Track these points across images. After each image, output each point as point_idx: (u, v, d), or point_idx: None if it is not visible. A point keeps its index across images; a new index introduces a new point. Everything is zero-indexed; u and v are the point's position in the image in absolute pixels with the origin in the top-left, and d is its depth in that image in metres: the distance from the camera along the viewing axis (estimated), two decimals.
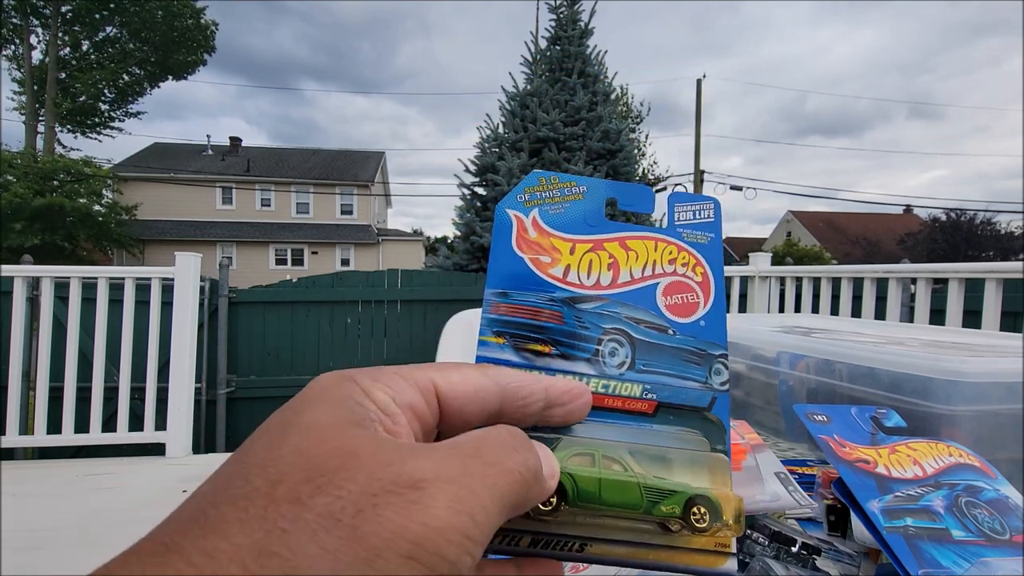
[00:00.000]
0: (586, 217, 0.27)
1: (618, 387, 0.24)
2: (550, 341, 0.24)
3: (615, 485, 0.22)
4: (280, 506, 0.13)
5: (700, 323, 0.25)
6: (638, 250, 0.26)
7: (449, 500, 0.14)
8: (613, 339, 0.25)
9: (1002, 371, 0.50)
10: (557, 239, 0.26)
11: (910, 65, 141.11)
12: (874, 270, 2.29)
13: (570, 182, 0.27)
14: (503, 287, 0.25)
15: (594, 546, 0.21)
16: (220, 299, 3.54)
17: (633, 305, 0.25)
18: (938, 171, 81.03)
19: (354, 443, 0.15)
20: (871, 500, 0.37)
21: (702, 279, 0.26)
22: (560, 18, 6.18)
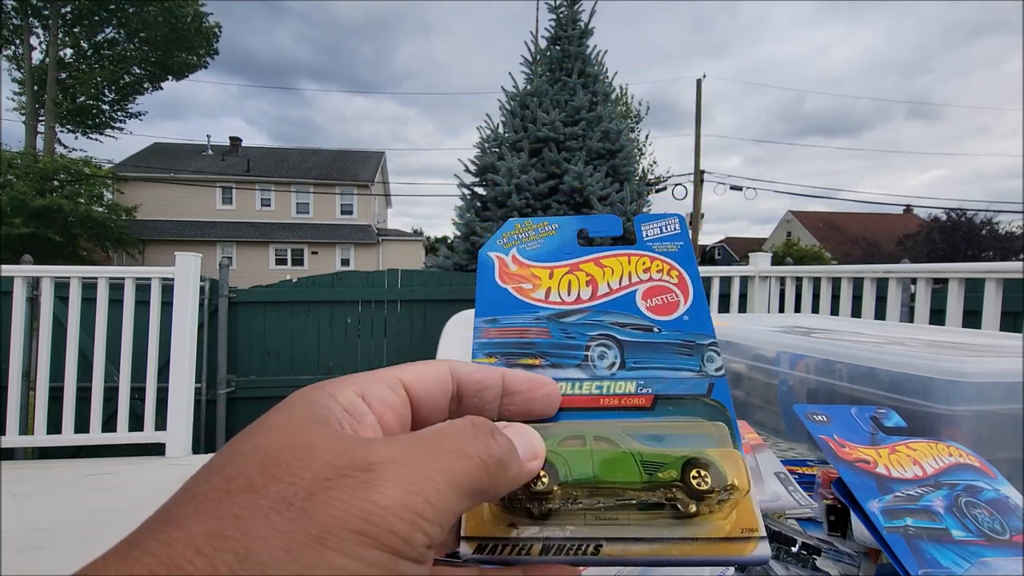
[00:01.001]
0: (560, 248, 0.29)
1: (611, 386, 0.24)
2: (539, 354, 0.25)
3: (609, 461, 0.21)
4: (235, 496, 0.14)
5: (684, 318, 0.26)
6: (612, 266, 0.28)
7: (400, 481, 0.15)
8: (601, 344, 0.26)
9: (1002, 371, 0.50)
10: (536, 268, 0.28)
11: (909, 65, 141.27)
12: (874, 270, 2.29)
13: (542, 223, 0.30)
14: (491, 314, 0.27)
15: (610, 546, 0.20)
16: (220, 299, 3.54)
17: (616, 312, 0.26)
18: (938, 171, 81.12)
19: (312, 437, 0.16)
20: (871, 500, 0.37)
21: (678, 280, 0.27)
22: (560, 18, 6.19)
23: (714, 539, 0.20)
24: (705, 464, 0.21)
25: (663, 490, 0.21)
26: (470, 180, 6.08)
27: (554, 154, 5.60)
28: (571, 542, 0.20)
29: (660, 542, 0.20)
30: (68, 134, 17.82)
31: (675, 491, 0.21)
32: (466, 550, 0.20)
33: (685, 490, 0.20)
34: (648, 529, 0.20)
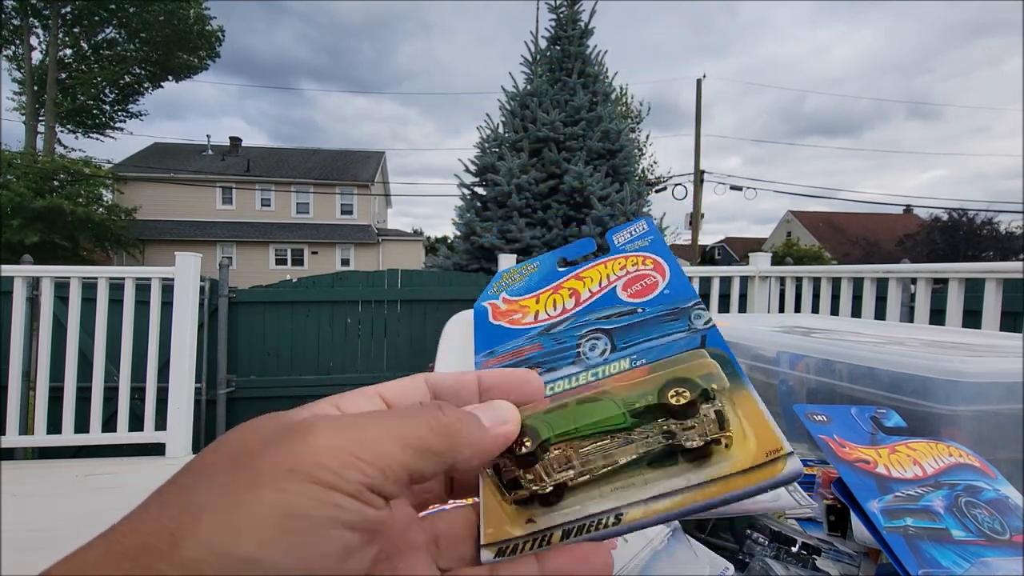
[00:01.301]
0: (544, 277, 0.31)
1: (606, 369, 0.24)
2: (535, 365, 0.26)
3: (587, 409, 0.22)
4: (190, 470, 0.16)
5: (664, 292, 0.27)
6: (592, 275, 0.30)
7: (332, 430, 0.15)
8: (591, 338, 0.26)
9: (1002, 371, 0.50)
10: (524, 300, 0.30)
11: (909, 65, 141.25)
12: (874, 270, 2.29)
13: (525, 264, 0.32)
14: (488, 348, 0.28)
15: (631, 511, 0.19)
16: (220, 299, 3.54)
17: (599, 309, 0.28)
18: (937, 171, 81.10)
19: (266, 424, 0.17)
20: (871, 500, 0.37)
21: (654, 265, 0.29)
22: (560, 18, 6.18)
23: (737, 473, 0.19)
24: (684, 379, 0.21)
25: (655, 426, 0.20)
26: (470, 180, 6.08)
27: (554, 154, 5.60)
28: (590, 519, 0.20)
29: (682, 492, 0.19)
30: (68, 134, 17.82)
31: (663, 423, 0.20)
32: (487, 556, 0.20)
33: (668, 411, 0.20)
34: (666, 483, 0.20)
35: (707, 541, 0.41)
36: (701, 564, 0.34)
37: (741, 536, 0.41)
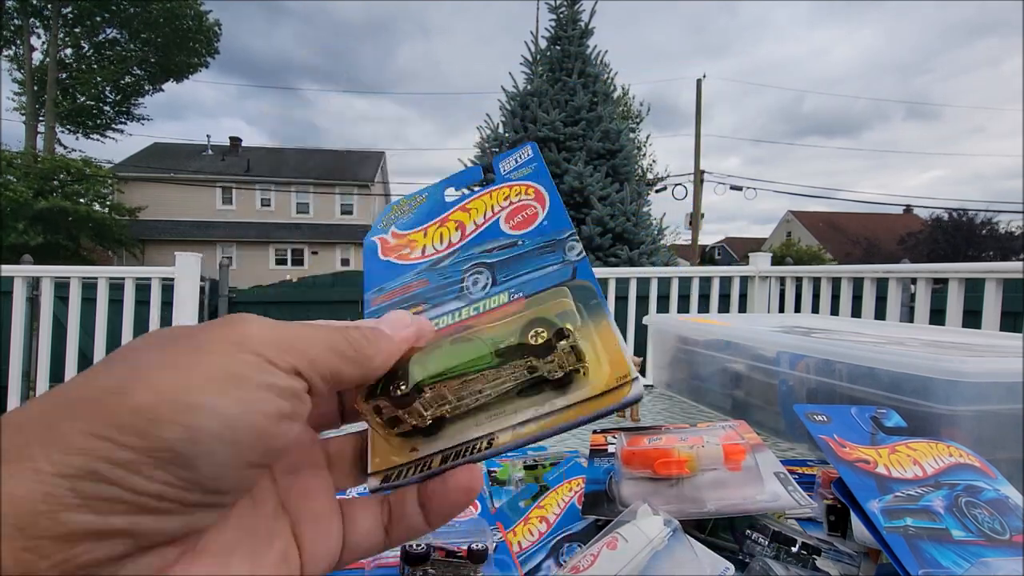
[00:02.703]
0: (431, 210, 0.31)
1: (486, 303, 0.26)
2: (421, 302, 0.27)
3: (456, 350, 0.23)
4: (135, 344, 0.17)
5: (544, 223, 0.28)
6: (477, 206, 0.30)
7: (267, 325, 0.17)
8: (473, 272, 0.27)
9: (1002, 371, 0.50)
10: (412, 234, 0.30)
11: (908, 66, 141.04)
12: (874, 270, 2.29)
13: (414, 196, 0.32)
14: (377, 284, 0.29)
15: (502, 436, 0.22)
16: (220, 299, 3.54)
17: (483, 242, 0.28)
18: (936, 171, 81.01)
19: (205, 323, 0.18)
20: (871, 500, 0.37)
21: (535, 195, 0.29)
22: (560, 18, 6.18)
23: (593, 397, 0.22)
24: (541, 320, 0.23)
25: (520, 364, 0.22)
26: None
27: (554, 154, 5.60)
28: (465, 444, 0.22)
29: (545, 417, 0.22)
30: (68, 134, 17.83)
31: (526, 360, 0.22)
32: (373, 483, 0.22)
33: (529, 350, 0.22)
34: (532, 410, 0.22)
35: (707, 541, 0.41)
36: (701, 564, 0.34)
37: (741, 536, 0.41)
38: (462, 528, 0.43)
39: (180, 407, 0.14)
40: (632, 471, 0.45)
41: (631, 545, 0.34)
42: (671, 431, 0.49)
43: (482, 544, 0.38)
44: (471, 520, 0.44)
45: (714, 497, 0.42)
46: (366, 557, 0.22)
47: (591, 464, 0.49)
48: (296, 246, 19.79)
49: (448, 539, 0.39)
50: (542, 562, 0.42)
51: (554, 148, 5.63)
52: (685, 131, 38.05)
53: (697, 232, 13.50)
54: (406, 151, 72.25)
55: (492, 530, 0.44)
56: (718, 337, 0.90)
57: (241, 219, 19.99)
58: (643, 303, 2.88)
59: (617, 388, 0.22)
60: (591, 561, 0.35)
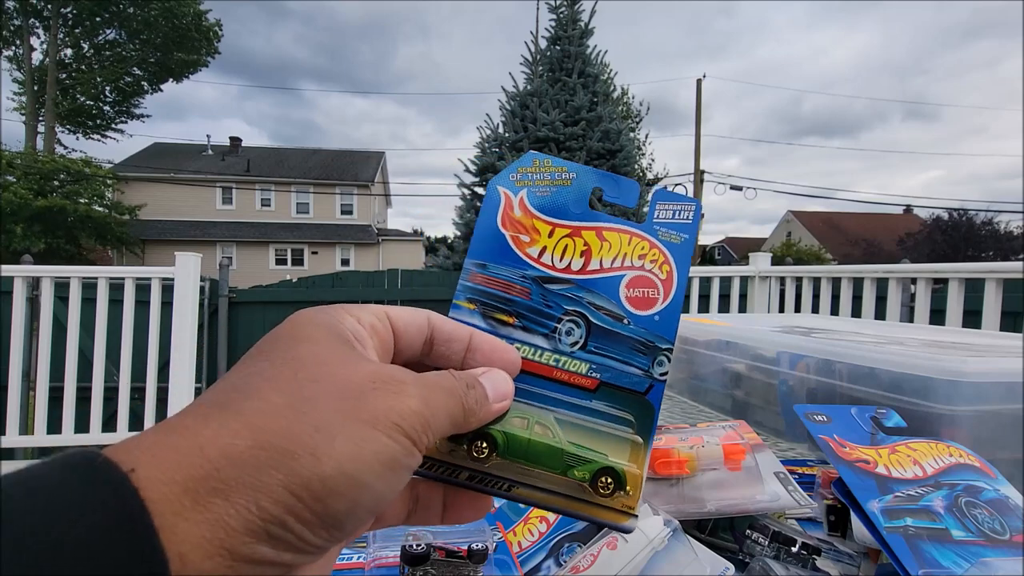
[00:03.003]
0: (570, 204, 0.28)
1: (568, 363, 0.26)
2: (515, 313, 0.27)
3: (540, 447, 0.25)
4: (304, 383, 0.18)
5: (655, 318, 0.27)
6: (612, 241, 0.28)
7: (420, 398, 0.20)
8: (572, 320, 0.27)
9: (1002, 371, 0.50)
10: (539, 221, 0.28)
11: (906, 67, 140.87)
12: (874, 270, 2.29)
13: (561, 167, 0.29)
14: (483, 259, 0.28)
15: (519, 489, 0.24)
16: (220, 299, 3.54)
17: (597, 292, 0.27)
18: (935, 171, 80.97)
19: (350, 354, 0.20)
20: (871, 500, 0.37)
21: (666, 277, 0.28)
22: (560, 18, 6.18)
23: (600, 506, 0.25)
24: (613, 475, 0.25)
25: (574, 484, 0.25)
26: (470, 180, 6.08)
27: (554, 154, 5.60)
28: (491, 477, 0.24)
29: (560, 496, 0.24)
30: (68, 134, 17.82)
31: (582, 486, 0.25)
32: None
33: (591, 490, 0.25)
34: (555, 485, 0.25)
35: (707, 541, 0.41)
36: (701, 564, 0.34)
37: (741, 536, 0.41)
38: (462, 528, 0.43)
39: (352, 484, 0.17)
40: None
41: (631, 545, 0.34)
42: (671, 431, 0.49)
43: (482, 544, 0.38)
44: None
45: (714, 497, 0.42)
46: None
47: None
48: (296, 246, 19.78)
49: (448, 539, 0.39)
50: (542, 562, 0.42)
51: (554, 148, 5.63)
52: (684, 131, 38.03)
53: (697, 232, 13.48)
54: (406, 151, 72.25)
55: (492, 530, 0.44)
56: (718, 337, 0.90)
57: (241, 219, 19.98)
58: None
59: (620, 513, 0.25)
60: (591, 561, 0.35)
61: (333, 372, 0.19)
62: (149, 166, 19.56)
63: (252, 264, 18.73)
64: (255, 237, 19.41)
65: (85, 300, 2.38)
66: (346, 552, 0.42)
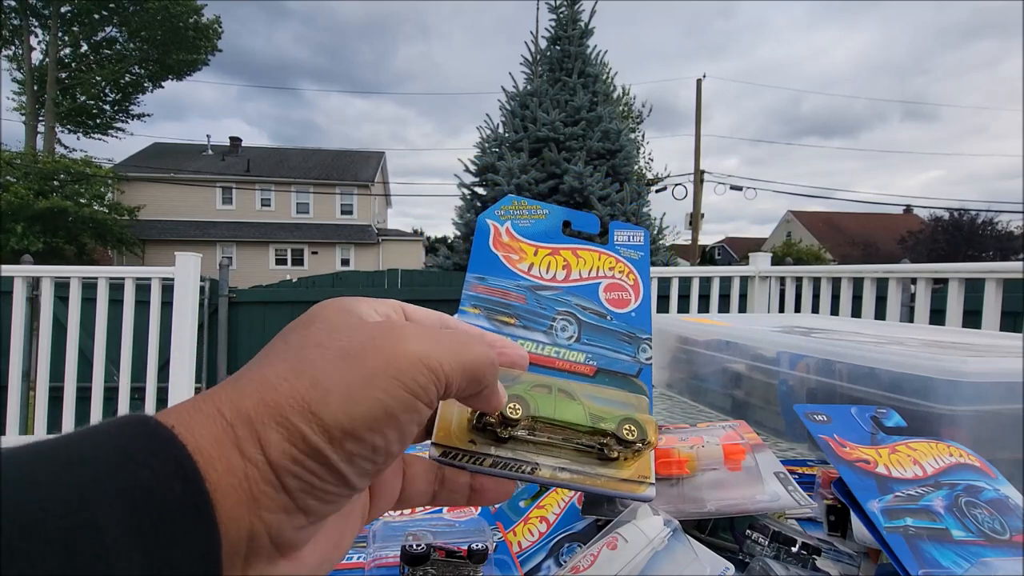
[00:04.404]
0: (547, 231, 0.34)
1: (567, 354, 0.31)
2: (515, 315, 0.31)
3: (565, 406, 0.27)
4: (308, 349, 0.20)
5: (632, 314, 0.33)
6: (586, 257, 0.34)
7: (424, 345, 0.20)
8: (565, 319, 0.32)
9: (1002, 371, 0.50)
10: (524, 244, 0.34)
11: (905, 67, 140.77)
12: (874, 270, 2.29)
13: (535, 206, 0.35)
14: (482, 273, 0.32)
15: (543, 470, 0.26)
16: (220, 299, 3.54)
17: (581, 296, 0.33)
18: (935, 171, 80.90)
19: (359, 319, 0.22)
20: (871, 500, 0.37)
21: (634, 283, 0.34)
22: (560, 18, 6.18)
23: (619, 479, 0.27)
24: (635, 422, 0.27)
25: (600, 435, 0.27)
26: (470, 180, 6.08)
27: (554, 154, 5.60)
28: (514, 462, 0.26)
29: (580, 474, 0.26)
30: (69, 134, 17.82)
31: (608, 438, 0.27)
32: (434, 452, 0.26)
33: (615, 438, 0.27)
34: (575, 464, 0.27)
35: (707, 541, 0.41)
36: (701, 564, 0.34)
37: (741, 536, 0.41)
38: (462, 528, 0.43)
39: (347, 435, 0.18)
40: None
41: (631, 545, 0.34)
42: (671, 431, 0.49)
43: (482, 544, 0.38)
44: (471, 520, 0.44)
45: (714, 497, 0.42)
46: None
47: None
48: (296, 246, 19.78)
49: (448, 539, 0.39)
50: (542, 562, 0.42)
51: (554, 148, 5.63)
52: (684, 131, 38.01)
53: (697, 232, 13.50)
54: (406, 151, 72.26)
55: (492, 530, 0.44)
56: (718, 337, 0.90)
57: (241, 219, 19.98)
58: None
59: (636, 483, 0.27)
60: (591, 561, 0.35)
61: (337, 337, 0.20)
62: (149, 166, 19.55)
63: (252, 264, 18.73)
64: (255, 237, 19.41)
65: (85, 300, 2.38)
66: None
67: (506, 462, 0.26)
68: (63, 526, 0.13)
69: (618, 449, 0.27)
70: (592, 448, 0.27)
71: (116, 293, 2.41)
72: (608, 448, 0.27)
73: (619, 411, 0.28)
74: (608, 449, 0.27)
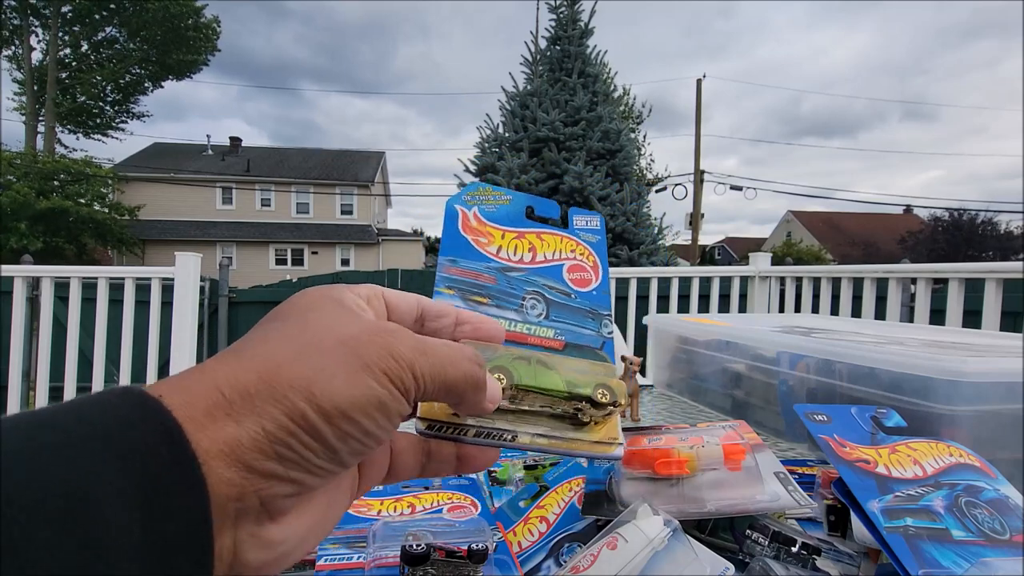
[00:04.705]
0: (511, 215, 0.36)
1: (537, 330, 0.33)
2: (487, 295, 0.33)
3: (544, 375, 0.29)
4: (309, 335, 0.22)
5: (593, 292, 0.35)
6: (549, 241, 0.36)
7: (412, 353, 0.22)
8: (533, 297, 0.34)
9: (1002, 371, 0.50)
10: (491, 228, 0.36)
11: (906, 67, 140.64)
12: (874, 270, 2.29)
13: (500, 192, 0.37)
14: (453, 255, 0.34)
15: (522, 438, 0.28)
16: (220, 299, 3.54)
17: (547, 276, 0.35)
18: (934, 172, 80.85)
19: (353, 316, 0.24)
20: (871, 500, 0.37)
21: (593, 264, 0.36)
22: (560, 18, 6.18)
23: (592, 441, 0.29)
24: (607, 387, 0.29)
25: (576, 400, 0.29)
26: (470, 180, 6.08)
27: (554, 154, 5.60)
28: (496, 430, 0.28)
29: (556, 439, 0.28)
30: (69, 134, 17.81)
31: (583, 403, 0.29)
32: (420, 426, 0.27)
33: (590, 401, 0.29)
34: (551, 430, 0.29)
35: (707, 541, 0.41)
36: (701, 564, 0.34)
37: (741, 536, 0.41)
38: (462, 528, 0.43)
39: (344, 418, 0.20)
40: (632, 471, 0.45)
41: (631, 545, 0.34)
42: (671, 431, 0.49)
43: (482, 544, 0.38)
44: (471, 520, 0.44)
45: (714, 497, 0.42)
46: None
47: (591, 464, 0.49)
48: (296, 246, 19.77)
49: (448, 539, 0.39)
50: (542, 562, 0.42)
51: (554, 148, 5.63)
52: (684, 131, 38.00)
53: (697, 232, 13.50)
54: (406, 151, 72.24)
55: (492, 530, 0.44)
56: (718, 337, 0.90)
57: (241, 219, 19.97)
58: (643, 303, 2.88)
59: (607, 444, 0.29)
60: (591, 561, 0.35)
61: (336, 329, 0.22)
62: (149, 166, 19.55)
63: (252, 264, 18.72)
64: (255, 237, 19.40)
65: (85, 300, 2.38)
66: (346, 552, 0.42)
67: (488, 431, 0.27)
68: (59, 493, 0.14)
69: (591, 413, 0.29)
70: (566, 415, 0.29)
71: (116, 293, 2.41)
72: (582, 413, 0.29)
73: (591, 378, 0.30)
74: (581, 414, 0.29)
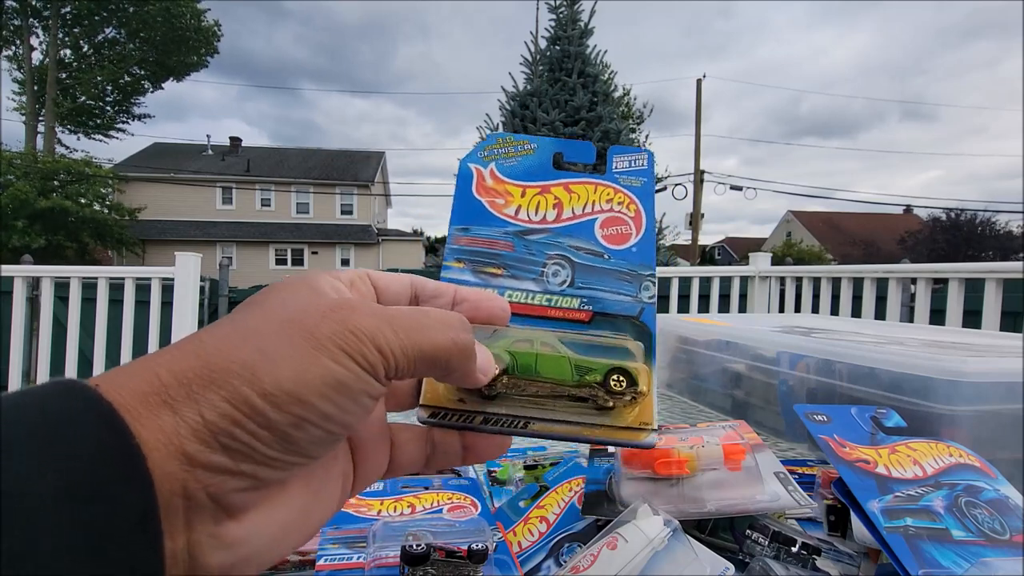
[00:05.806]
0: (536, 168, 0.31)
1: (559, 300, 0.28)
2: (502, 265, 0.29)
3: (548, 360, 0.26)
4: (257, 317, 0.20)
5: (632, 249, 0.29)
6: (579, 192, 0.30)
7: (373, 324, 0.20)
8: (556, 263, 0.29)
9: (1002, 371, 0.50)
10: (510, 185, 0.31)
11: (906, 67, 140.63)
12: (874, 270, 2.29)
13: (523, 140, 0.31)
14: (464, 223, 0.30)
15: (537, 424, 0.25)
16: (220, 299, 3.54)
17: (574, 236, 0.30)
18: (934, 172, 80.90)
19: (315, 293, 0.22)
20: (871, 500, 0.37)
21: (635, 214, 0.30)
22: (560, 18, 6.18)
23: (618, 427, 0.25)
24: (624, 372, 0.26)
25: (587, 388, 0.26)
26: None
27: None
28: (506, 417, 0.25)
29: (577, 425, 0.25)
30: (69, 135, 17.82)
31: (597, 389, 0.26)
32: (422, 414, 0.25)
33: (604, 389, 0.26)
34: (570, 415, 0.25)
35: (707, 541, 0.41)
36: (701, 564, 0.34)
37: (741, 536, 0.41)
38: (462, 528, 0.43)
39: (294, 402, 0.18)
40: (632, 471, 0.45)
41: (631, 545, 0.34)
42: (671, 431, 0.49)
43: (482, 544, 0.38)
44: (471, 520, 0.44)
45: (714, 497, 0.42)
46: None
47: (591, 464, 0.49)
48: (296, 246, 19.78)
49: (448, 539, 0.39)
50: (542, 562, 0.42)
51: None
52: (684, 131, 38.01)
53: (697, 232, 13.50)
54: (406, 151, 72.26)
55: (492, 530, 0.44)
56: (718, 337, 0.90)
57: (241, 219, 19.98)
58: None
59: (637, 430, 0.26)
60: (591, 561, 0.35)
61: (289, 308, 0.20)
62: (149, 166, 19.55)
63: (252, 264, 18.72)
64: (255, 237, 19.41)
65: (85, 300, 2.38)
66: (346, 552, 0.42)
67: (498, 418, 0.25)
68: None
69: (612, 398, 0.26)
70: (586, 399, 0.26)
71: (116, 293, 2.41)
72: (600, 398, 0.26)
73: (607, 360, 0.26)
74: (599, 399, 0.26)
